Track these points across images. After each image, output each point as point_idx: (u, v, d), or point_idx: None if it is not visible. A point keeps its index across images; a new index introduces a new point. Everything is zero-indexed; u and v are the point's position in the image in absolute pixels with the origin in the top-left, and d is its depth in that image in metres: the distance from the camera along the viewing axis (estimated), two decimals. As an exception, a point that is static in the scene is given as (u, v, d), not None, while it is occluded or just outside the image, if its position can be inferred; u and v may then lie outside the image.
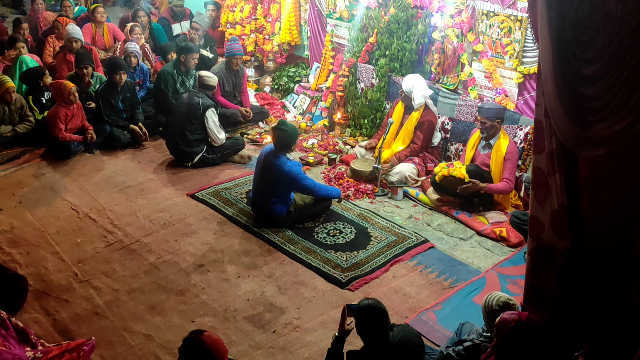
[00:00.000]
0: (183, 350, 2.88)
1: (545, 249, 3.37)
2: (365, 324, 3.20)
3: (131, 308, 4.27)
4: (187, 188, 5.94)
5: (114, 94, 6.76)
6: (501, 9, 5.68)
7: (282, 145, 5.16)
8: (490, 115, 5.30)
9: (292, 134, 5.15)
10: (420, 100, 5.96)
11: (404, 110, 6.14)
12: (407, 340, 3.27)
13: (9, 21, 10.11)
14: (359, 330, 3.23)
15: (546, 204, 3.30)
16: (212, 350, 2.82)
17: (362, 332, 3.22)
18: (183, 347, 2.88)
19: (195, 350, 2.83)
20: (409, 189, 5.85)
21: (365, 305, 3.20)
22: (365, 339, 3.24)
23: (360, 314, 3.20)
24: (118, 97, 6.78)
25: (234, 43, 7.37)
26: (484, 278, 4.59)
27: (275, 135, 5.20)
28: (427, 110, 6.02)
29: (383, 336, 3.20)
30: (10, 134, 6.49)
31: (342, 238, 5.12)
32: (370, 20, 6.89)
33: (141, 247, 4.96)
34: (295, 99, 7.97)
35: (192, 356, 2.85)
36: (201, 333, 2.89)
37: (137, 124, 6.84)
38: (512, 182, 5.30)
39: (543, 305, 3.46)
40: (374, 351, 3.19)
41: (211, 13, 8.81)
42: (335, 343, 3.35)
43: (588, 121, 2.77)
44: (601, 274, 3.19)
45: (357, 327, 3.23)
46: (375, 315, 3.18)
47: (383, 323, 3.20)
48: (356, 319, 3.22)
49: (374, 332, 3.20)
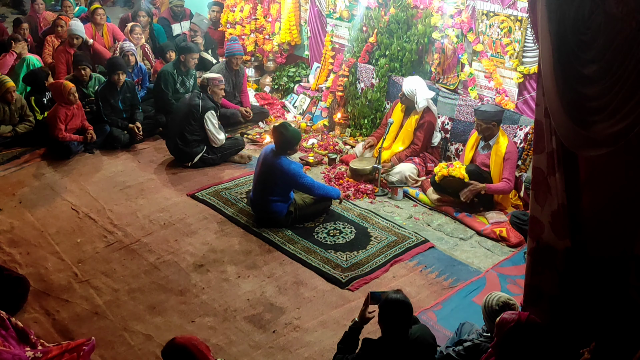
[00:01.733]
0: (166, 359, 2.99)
1: (545, 249, 3.37)
2: (389, 317, 3.17)
3: (131, 308, 4.27)
4: (187, 188, 5.94)
5: (114, 94, 6.76)
6: (501, 9, 5.68)
7: (281, 147, 5.17)
8: (485, 117, 5.29)
9: (291, 138, 5.16)
10: (423, 104, 5.96)
11: (404, 111, 6.14)
12: (423, 339, 3.26)
13: (9, 21, 10.11)
14: (380, 320, 3.20)
15: (546, 204, 3.30)
16: (186, 347, 2.92)
17: (384, 323, 3.20)
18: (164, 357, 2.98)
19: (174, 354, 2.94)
20: (409, 189, 5.85)
21: (393, 298, 3.17)
22: (385, 330, 3.22)
23: (386, 306, 3.17)
24: (118, 97, 6.78)
25: (234, 43, 7.37)
26: (484, 278, 4.59)
27: (275, 136, 5.23)
28: (427, 111, 6.02)
29: (403, 331, 3.19)
30: (10, 134, 6.49)
31: (342, 238, 5.12)
32: (370, 20, 6.89)
33: (141, 247, 4.96)
34: (295, 99, 7.97)
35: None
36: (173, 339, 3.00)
37: (135, 123, 6.83)
38: (511, 182, 5.30)
39: (543, 305, 3.46)
40: (391, 344, 3.18)
41: (216, 14, 8.80)
42: (352, 327, 3.40)
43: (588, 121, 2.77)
44: (601, 274, 3.19)
45: (379, 317, 3.20)
46: (401, 310, 3.16)
47: (407, 319, 3.19)
48: (381, 309, 3.19)
49: (395, 326, 3.17)
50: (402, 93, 6.02)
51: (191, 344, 2.95)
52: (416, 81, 6.02)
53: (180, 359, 2.93)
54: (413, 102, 5.97)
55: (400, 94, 6.07)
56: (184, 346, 2.93)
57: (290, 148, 5.20)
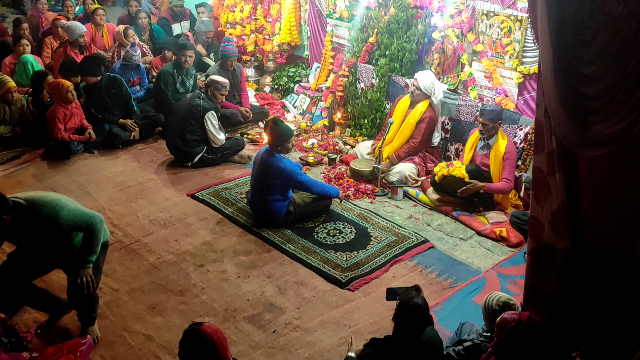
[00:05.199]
0: (185, 342, 2.87)
1: (545, 249, 3.37)
2: (407, 319, 3.16)
3: (131, 308, 4.27)
4: (187, 188, 5.94)
5: (97, 92, 6.70)
6: (501, 9, 5.68)
7: (275, 142, 5.17)
8: (492, 117, 5.32)
9: (283, 131, 5.18)
10: (441, 96, 6.00)
11: (409, 105, 6.10)
12: (432, 344, 3.25)
13: (9, 21, 10.11)
14: (396, 319, 3.20)
15: (546, 204, 3.30)
16: (212, 339, 2.83)
17: (399, 324, 3.19)
18: (184, 339, 2.87)
19: (197, 341, 2.83)
20: (409, 189, 5.85)
21: (414, 304, 3.15)
22: (398, 330, 3.21)
23: (405, 310, 3.16)
24: (102, 93, 6.71)
25: (229, 44, 7.34)
26: (484, 278, 4.59)
27: (267, 130, 5.24)
28: (430, 108, 6.01)
29: (416, 336, 3.19)
30: (10, 134, 6.49)
31: (342, 238, 5.12)
32: (370, 20, 6.89)
33: (141, 247, 4.96)
34: (295, 99, 7.98)
35: (194, 347, 2.84)
36: (201, 324, 2.90)
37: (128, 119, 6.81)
38: (511, 181, 5.31)
39: (543, 305, 3.46)
40: (402, 344, 3.18)
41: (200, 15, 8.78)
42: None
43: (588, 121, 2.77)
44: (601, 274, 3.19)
45: (395, 317, 3.20)
46: (420, 315, 3.17)
47: (423, 323, 3.20)
48: (398, 311, 3.19)
49: (411, 329, 3.18)
50: (417, 87, 5.97)
51: (217, 337, 2.85)
52: (431, 75, 6.02)
53: (202, 349, 2.82)
54: (425, 97, 5.95)
55: (413, 89, 6.02)
56: (210, 337, 2.83)
57: (284, 142, 5.19)
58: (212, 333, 2.85)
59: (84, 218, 3.62)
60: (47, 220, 3.48)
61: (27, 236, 3.58)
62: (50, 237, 3.58)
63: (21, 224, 3.47)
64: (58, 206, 3.53)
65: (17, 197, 3.51)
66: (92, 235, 3.64)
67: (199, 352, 2.83)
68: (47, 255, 3.71)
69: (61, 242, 3.65)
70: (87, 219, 3.63)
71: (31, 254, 3.70)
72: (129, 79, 7.40)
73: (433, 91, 5.93)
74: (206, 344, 2.82)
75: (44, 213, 3.48)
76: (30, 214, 3.46)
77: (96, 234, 3.66)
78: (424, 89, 5.95)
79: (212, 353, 2.83)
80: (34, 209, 3.47)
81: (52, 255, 3.72)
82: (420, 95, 5.99)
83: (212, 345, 2.82)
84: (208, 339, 2.82)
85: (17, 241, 3.73)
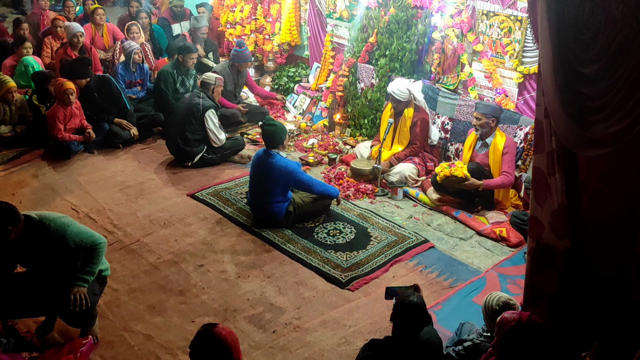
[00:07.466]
0: (198, 343, 2.83)
1: (545, 249, 3.37)
2: (403, 318, 3.17)
3: (131, 308, 4.27)
4: (187, 188, 5.94)
5: (89, 93, 6.68)
6: (501, 9, 5.68)
7: (273, 142, 5.17)
8: (486, 111, 5.31)
9: (277, 130, 5.17)
10: (421, 96, 6.01)
11: (394, 114, 6.08)
12: (431, 343, 3.25)
13: (9, 21, 10.11)
14: (394, 319, 3.20)
15: (546, 204, 3.31)
16: (227, 341, 2.80)
17: (397, 323, 3.19)
18: (198, 340, 2.83)
19: (211, 343, 2.80)
20: (409, 189, 5.85)
21: (410, 302, 3.16)
22: (396, 330, 3.21)
23: (401, 308, 3.17)
24: (93, 93, 6.70)
25: (245, 50, 7.40)
26: (484, 278, 4.59)
27: (264, 133, 5.23)
28: (418, 110, 6.00)
29: (414, 334, 3.18)
30: (10, 134, 6.49)
31: (342, 238, 5.12)
32: (370, 20, 6.89)
33: (141, 247, 4.96)
34: (295, 99, 7.97)
35: (208, 348, 2.81)
36: (214, 325, 2.86)
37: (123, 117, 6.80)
38: (511, 174, 5.28)
39: (543, 305, 3.46)
40: (401, 344, 3.18)
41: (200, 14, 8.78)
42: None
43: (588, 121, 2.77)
44: (601, 274, 3.19)
45: (393, 317, 3.20)
46: (416, 314, 3.16)
47: (420, 322, 3.19)
48: (395, 310, 3.19)
49: (408, 328, 3.17)
50: (394, 98, 5.96)
51: (232, 339, 2.81)
52: (402, 82, 6.04)
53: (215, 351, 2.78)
54: (407, 103, 5.95)
55: (395, 104, 6.01)
56: (224, 340, 2.79)
57: (281, 140, 5.20)
58: (226, 335, 2.81)
59: (90, 236, 3.69)
60: (55, 235, 3.55)
61: (34, 253, 3.62)
62: (56, 255, 3.62)
63: (29, 240, 3.53)
64: (65, 224, 3.62)
65: (29, 213, 3.59)
66: (93, 254, 3.69)
67: (213, 354, 2.80)
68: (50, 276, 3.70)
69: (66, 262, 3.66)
70: (93, 238, 3.70)
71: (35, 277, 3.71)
72: (132, 79, 7.40)
73: (412, 95, 5.94)
74: (220, 346, 2.79)
75: (52, 228, 3.55)
76: (39, 228, 3.54)
77: (97, 255, 3.71)
78: (402, 98, 5.93)
79: (226, 355, 2.80)
80: (43, 224, 3.55)
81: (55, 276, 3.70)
82: (403, 104, 5.98)
83: (226, 347, 2.79)
84: (222, 341, 2.79)
85: (24, 260, 3.75)
